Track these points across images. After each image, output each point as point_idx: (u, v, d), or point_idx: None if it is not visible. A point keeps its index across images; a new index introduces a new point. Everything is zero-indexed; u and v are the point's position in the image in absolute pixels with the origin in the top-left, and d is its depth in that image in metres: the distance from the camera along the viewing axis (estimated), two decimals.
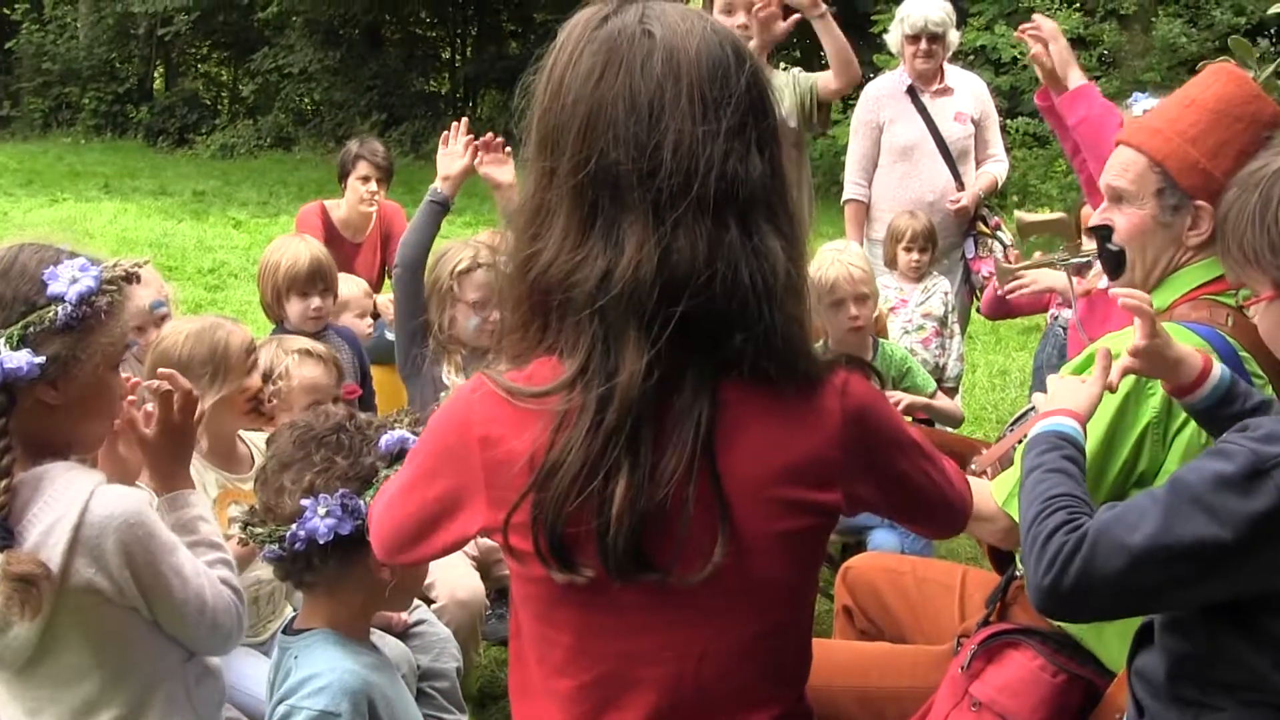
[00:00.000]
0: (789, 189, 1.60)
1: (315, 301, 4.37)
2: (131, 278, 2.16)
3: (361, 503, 2.07)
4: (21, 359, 2.00)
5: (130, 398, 2.27)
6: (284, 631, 2.24)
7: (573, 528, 1.51)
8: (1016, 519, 2.42)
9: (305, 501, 2.07)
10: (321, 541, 2.06)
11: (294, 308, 4.37)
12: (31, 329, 2.03)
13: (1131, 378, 2.29)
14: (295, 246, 4.46)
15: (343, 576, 2.14)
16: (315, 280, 4.38)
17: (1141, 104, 3.72)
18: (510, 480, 1.54)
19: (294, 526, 2.06)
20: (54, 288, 2.04)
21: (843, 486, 1.63)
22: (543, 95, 1.58)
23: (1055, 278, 4.30)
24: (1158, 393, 2.30)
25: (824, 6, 4.76)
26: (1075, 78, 3.64)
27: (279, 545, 2.09)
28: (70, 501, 2.02)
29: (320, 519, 2.05)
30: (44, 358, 2.02)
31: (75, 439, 2.18)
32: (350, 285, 4.90)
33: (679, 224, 1.48)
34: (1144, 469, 2.31)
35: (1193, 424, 2.27)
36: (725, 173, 1.50)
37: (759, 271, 1.51)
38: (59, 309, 2.04)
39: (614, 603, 1.57)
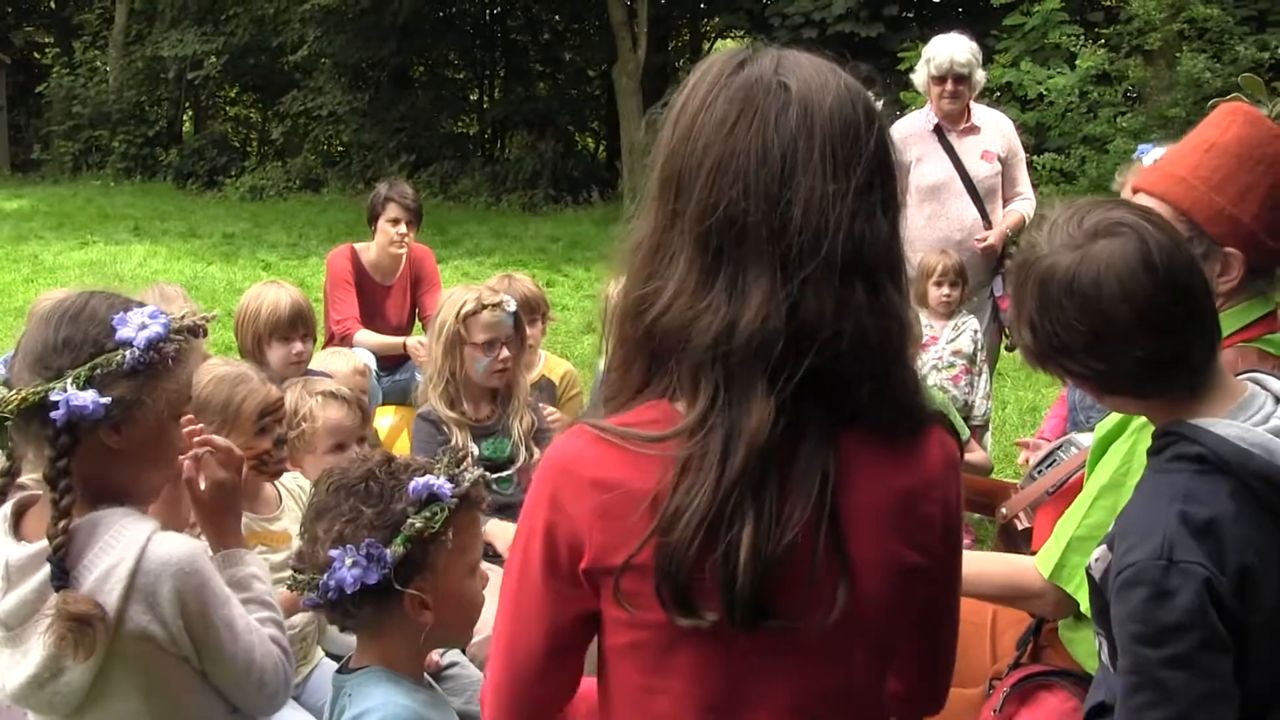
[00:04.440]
0: (905, 247, 1.60)
1: (297, 346, 4.42)
2: (199, 330, 2.18)
3: (388, 552, 2.05)
4: (87, 398, 2.00)
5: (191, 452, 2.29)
6: (339, 671, 2.24)
7: (696, 573, 1.48)
8: (1067, 590, 2.42)
9: (334, 552, 2.06)
10: (349, 591, 2.05)
11: (275, 353, 4.39)
12: (99, 371, 2.03)
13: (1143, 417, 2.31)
14: (274, 293, 4.50)
15: (381, 620, 2.14)
16: (297, 325, 4.42)
17: (1150, 155, 3.71)
18: (631, 524, 1.51)
19: (325, 576, 2.06)
20: (123, 333, 2.06)
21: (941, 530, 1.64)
22: (671, 136, 1.56)
23: None
24: None
25: None
26: None
27: (315, 594, 2.10)
28: (127, 546, 2.03)
29: (347, 569, 2.04)
30: (109, 399, 2.02)
31: (134, 487, 2.17)
32: (340, 361, 4.85)
33: (807, 282, 1.47)
34: None
35: None
36: (853, 233, 1.49)
37: (886, 330, 1.51)
38: (126, 353, 2.04)
39: (731, 647, 1.54)
